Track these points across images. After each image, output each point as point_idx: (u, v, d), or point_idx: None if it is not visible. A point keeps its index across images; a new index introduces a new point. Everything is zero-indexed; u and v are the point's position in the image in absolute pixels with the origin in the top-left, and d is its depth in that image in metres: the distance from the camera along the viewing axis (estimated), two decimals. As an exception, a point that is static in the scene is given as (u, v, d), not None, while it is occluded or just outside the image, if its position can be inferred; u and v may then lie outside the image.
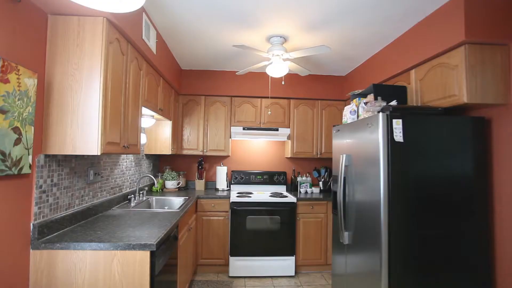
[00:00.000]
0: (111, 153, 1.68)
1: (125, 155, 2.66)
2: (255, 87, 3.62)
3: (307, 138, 3.67)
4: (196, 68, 3.57)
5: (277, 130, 3.61)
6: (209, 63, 3.39)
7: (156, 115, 2.77)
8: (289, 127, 3.66)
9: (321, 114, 3.70)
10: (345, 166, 2.34)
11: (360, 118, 2.31)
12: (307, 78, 3.69)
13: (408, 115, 1.88)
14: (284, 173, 3.85)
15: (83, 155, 1.92)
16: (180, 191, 3.50)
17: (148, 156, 3.39)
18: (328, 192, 3.68)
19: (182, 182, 3.66)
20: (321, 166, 3.97)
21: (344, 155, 2.34)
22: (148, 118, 2.69)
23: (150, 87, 2.41)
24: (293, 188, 3.81)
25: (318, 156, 3.67)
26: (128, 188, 2.73)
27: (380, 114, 1.86)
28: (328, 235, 3.28)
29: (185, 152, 3.57)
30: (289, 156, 3.70)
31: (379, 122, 1.85)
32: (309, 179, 3.72)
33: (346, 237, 2.29)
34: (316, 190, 3.69)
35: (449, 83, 1.95)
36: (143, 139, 2.85)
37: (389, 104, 2.08)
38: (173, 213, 2.24)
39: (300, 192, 3.65)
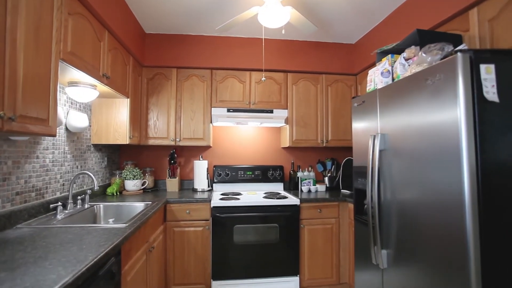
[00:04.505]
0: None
1: (50, 143, 1.79)
2: (243, 57, 2.80)
3: (310, 122, 2.89)
4: (164, 31, 2.71)
5: (271, 112, 2.81)
6: (181, 23, 2.54)
7: (100, 86, 1.91)
8: (287, 108, 2.86)
9: (327, 92, 2.93)
10: (379, 151, 1.57)
11: (398, 79, 1.54)
12: (308, 46, 2.91)
13: (501, 59, 1.12)
14: (281, 168, 3.06)
15: None
16: (145, 193, 2.64)
17: (100, 148, 2.51)
18: (336, 191, 2.91)
19: (149, 181, 2.80)
20: (327, 158, 3.20)
21: (378, 135, 1.57)
22: (85, 88, 1.82)
23: (80, 35, 1.56)
24: (292, 186, 3.02)
25: (324, 144, 2.89)
26: (58, 192, 1.86)
27: (459, 55, 1.09)
28: (341, 246, 2.52)
29: (151, 142, 2.71)
30: (287, 145, 2.91)
31: (458, 69, 1.08)
32: (312, 174, 2.95)
33: (384, 258, 1.52)
34: (321, 187, 2.92)
35: (558, 10, 1.21)
36: (81, 120, 1.98)
37: (457, 49, 1.32)
38: (116, 230, 1.41)
39: (301, 191, 2.87)
